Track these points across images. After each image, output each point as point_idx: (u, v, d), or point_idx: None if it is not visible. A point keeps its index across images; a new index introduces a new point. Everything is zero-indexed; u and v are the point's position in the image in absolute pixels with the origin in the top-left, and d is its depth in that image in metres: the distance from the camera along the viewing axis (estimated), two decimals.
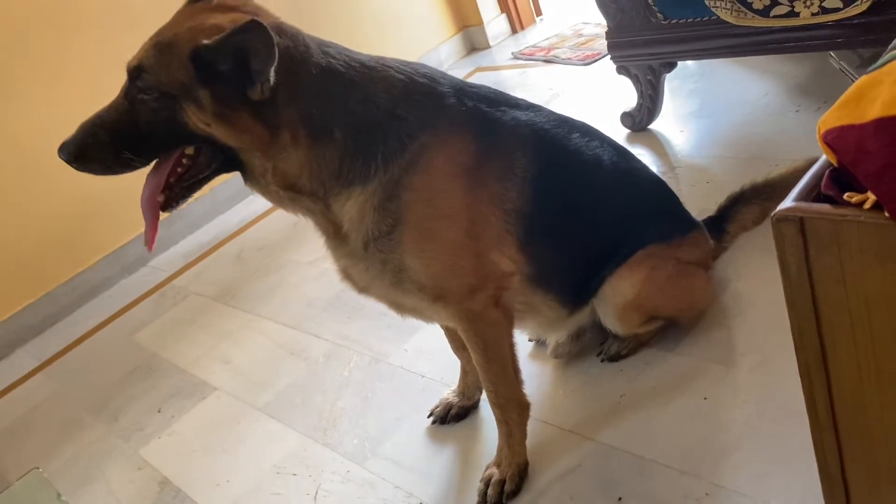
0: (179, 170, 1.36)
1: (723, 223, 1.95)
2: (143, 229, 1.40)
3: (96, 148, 1.30)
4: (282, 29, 1.32)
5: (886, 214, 0.70)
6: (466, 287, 1.43)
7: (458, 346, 1.75)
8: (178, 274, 3.12)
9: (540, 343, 1.93)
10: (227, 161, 1.35)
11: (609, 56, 2.69)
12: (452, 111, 1.41)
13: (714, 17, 2.25)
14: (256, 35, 1.19)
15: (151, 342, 2.71)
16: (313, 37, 1.37)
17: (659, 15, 2.43)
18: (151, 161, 1.36)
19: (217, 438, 2.08)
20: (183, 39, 1.26)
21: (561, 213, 1.55)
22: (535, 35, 4.27)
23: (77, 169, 1.32)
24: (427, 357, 2.06)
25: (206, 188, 1.45)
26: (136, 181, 1.43)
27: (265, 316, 2.59)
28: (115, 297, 3.15)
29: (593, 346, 1.83)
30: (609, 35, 2.62)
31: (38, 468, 1.31)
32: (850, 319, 0.79)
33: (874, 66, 0.77)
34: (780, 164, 2.07)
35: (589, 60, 3.58)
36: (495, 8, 4.41)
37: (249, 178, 1.38)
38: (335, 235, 1.44)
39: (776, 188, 1.91)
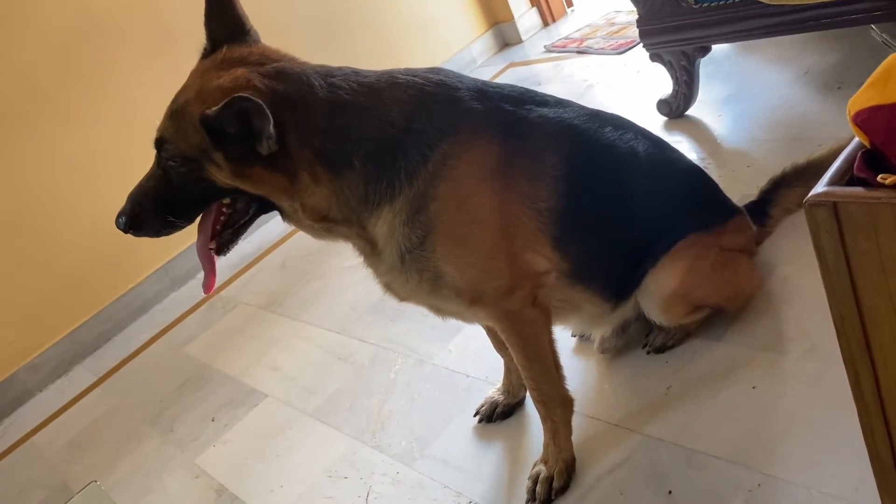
0: (222, 218, 1.45)
1: (766, 207, 1.91)
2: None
3: (144, 216, 1.41)
4: (283, 73, 1.34)
5: None
6: (503, 288, 1.44)
7: (499, 345, 1.75)
8: (225, 285, 3.18)
9: (583, 338, 1.92)
10: (263, 205, 1.42)
11: (641, 44, 2.67)
12: (472, 115, 1.41)
13: None
14: (245, 106, 1.22)
15: (202, 353, 2.77)
16: (319, 68, 1.39)
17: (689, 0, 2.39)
18: (194, 220, 1.44)
19: (270, 445, 2.12)
20: (192, 106, 1.31)
21: (596, 208, 1.54)
22: (567, 27, 4.24)
23: (134, 235, 1.43)
24: (471, 357, 2.07)
25: None
26: None
27: (311, 322, 2.63)
28: (166, 310, 3.23)
29: (639, 339, 1.81)
30: (640, 23, 2.59)
31: (97, 481, 1.36)
32: (891, 303, 0.77)
33: None
34: (823, 144, 2.01)
35: (622, 49, 3.54)
36: (526, 2, 4.38)
37: (285, 216, 1.44)
38: (373, 253, 1.47)
39: (819, 169, 1.84)
